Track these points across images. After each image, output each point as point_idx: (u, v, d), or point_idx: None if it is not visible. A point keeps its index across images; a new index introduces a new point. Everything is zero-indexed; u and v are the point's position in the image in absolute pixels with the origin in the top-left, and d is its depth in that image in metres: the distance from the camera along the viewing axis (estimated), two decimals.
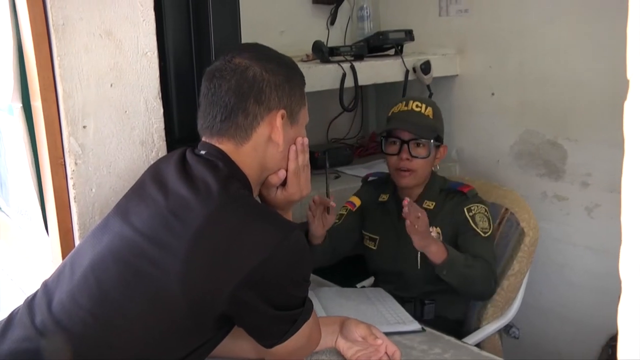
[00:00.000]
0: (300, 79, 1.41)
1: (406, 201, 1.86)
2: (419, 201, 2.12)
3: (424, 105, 2.12)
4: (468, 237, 2.08)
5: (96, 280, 1.21)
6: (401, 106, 2.14)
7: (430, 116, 2.11)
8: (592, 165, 2.52)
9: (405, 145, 2.08)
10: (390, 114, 2.19)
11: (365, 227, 2.28)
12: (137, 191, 1.34)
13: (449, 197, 2.16)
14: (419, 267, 2.08)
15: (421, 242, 1.91)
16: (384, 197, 2.25)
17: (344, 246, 2.26)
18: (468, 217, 2.08)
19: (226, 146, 1.32)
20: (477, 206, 2.11)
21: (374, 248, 2.24)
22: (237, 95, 1.30)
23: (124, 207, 1.31)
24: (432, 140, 2.08)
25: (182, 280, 1.15)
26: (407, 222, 1.87)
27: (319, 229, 2.07)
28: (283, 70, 1.35)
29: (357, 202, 2.32)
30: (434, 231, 2.03)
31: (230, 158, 1.31)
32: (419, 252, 2.04)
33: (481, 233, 2.06)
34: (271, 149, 1.34)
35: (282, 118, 1.33)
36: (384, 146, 2.16)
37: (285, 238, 1.20)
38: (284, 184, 1.41)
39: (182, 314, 1.18)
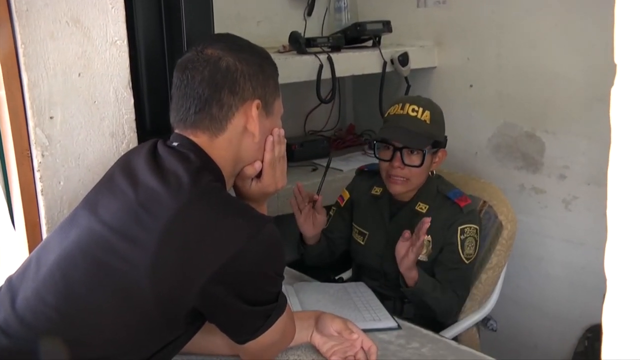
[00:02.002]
0: (273, 69, 1.38)
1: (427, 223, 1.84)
2: (412, 202, 2.08)
3: (421, 109, 1.99)
4: (450, 259, 2.02)
5: (62, 276, 1.17)
6: (397, 108, 2.03)
7: (427, 121, 1.99)
8: (570, 158, 2.52)
9: (398, 153, 1.98)
10: (386, 115, 2.10)
11: (355, 220, 2.23)
12: (106, 184, 1.30)
13: (445, 205, 2.06)
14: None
15: (410, 264, 1.89)
16: (377, 190, 2.18)
17: (340, 245, 2.25)
18: (458, 239, 2.01)
19: (200, 139, 1.29)
20: (470, 227, 2.02)
21: (362, 243, 2.18)
22: (211, 86, 1.28)
23: (93, 200, 1.27)
24: (426, 149, 1.97)
25: (151, 275, 1.12)
26: (403, 245, 1.87)
27: (309, 230, 2.08)
28: (257, 60, 1.33)
29: (345, 195, 2.27)
30: (426, 239, 1.94)
31: (203, 150, 1.28)
32: None
33: (464, 259, 2.01)
34: (247, 140, 1.32)
35: (258, 108, 1.31)
36: (376, 151, 2.08)
37: (257, 232, 1.17)
38: (259, 175, 1.39)
39: (152, 309, 1.15)
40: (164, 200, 1.17)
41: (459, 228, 2.01)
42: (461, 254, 2.00)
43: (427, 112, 1.99)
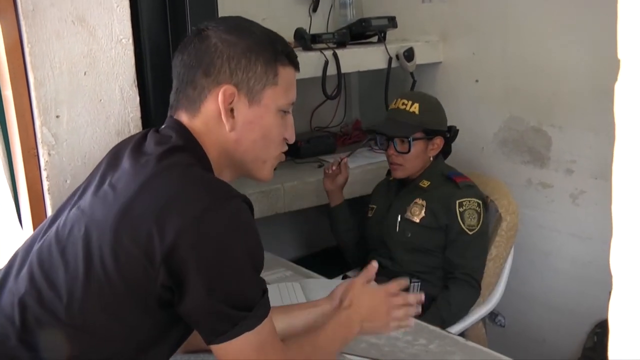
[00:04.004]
0: (270, 54, 1.25)
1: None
2: (417, 180, 2.30)
3: (410, 102, 2.25)
4: (454, 235, 2.19)
5: (39, 265, 1.14)
6: (392, 104, 2.32)
7: (416, 112, 2.23)
8: (577, 152, 2.51)
9: (391, 142, 2.26)
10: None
11: (370, 202, 2.49)
12: (93, 172, 1.28)
13: (444, 182, 2.26)
14: (397, 230, 2.25)
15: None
16: (391, 177, 2.40)
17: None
18: (457, 211, 2.18)
19: (182, 118, 1.25)
20: (470, 201, 2.20)
21: (370, 215, 2.43)
22: (187, 67, 1.24)
23: (80, 190, 1.25)
24: (411, 136, 2.21)
25: (113, 253, 1.08)
26: None
27: (327, 183, 2.43)
28: (245, 43, 1.23)
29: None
30: (419, 202, 2.24)
31: (188, 130, 1.23)
32: (399, 216, 2.26)
33: (467, 230, 2.17)
34: (223, 129, 1.23)
35: (231, 95, 1.21)
36: (377, 142, 2.37)
37: (218, 203, 1.10)
38: None
39: (121, 292, 1.09)
40: (129, 179, 1.15)
41: (457, 202, 2.20)
42: (462, 225, 2.17)
43: (416, 104, 2.24)
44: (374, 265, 1.47)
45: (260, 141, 1.27)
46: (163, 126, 1.28)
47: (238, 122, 1.23)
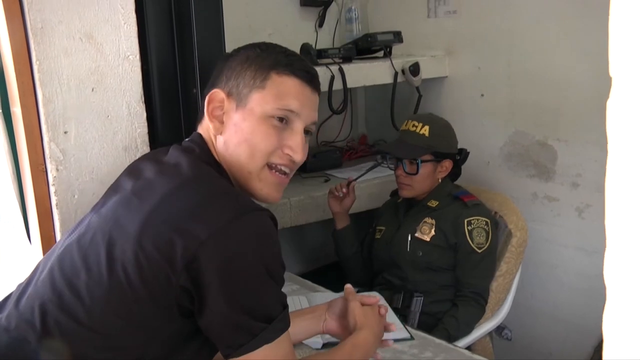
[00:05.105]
0: (268, 62, 1.28)
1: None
2: (424, 200, 2.32)
3: (420, 124, 2.27)
4: (464, 254, 2.21)
5: (60, 270, 1.16)
6: (403, 125, 2.34)
7: (426, 134, 2.25)
8: (583, 166, 2.51)
9: (400, 163, 2.29)
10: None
11: (378, 224, 2.48)
12: (112, 186, 1.31)
13: (452, 202, 2.28)
14: (408, 250, 2.25)
15: None
16: (399, 199, 2.43)
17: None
18: (466, 230, 2.20)
19: (199, 129, 1.34)
20: (478, 219, 2.21)
21: (379, 237, 2.43)
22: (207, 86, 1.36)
23: (100, 203, 1.27)
24: (420, 158, 2.23)
25: (136, 259, 1.09)
26: None
27: (334, 205, 2.44)
28: (245, 55, 1.30)
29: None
30: (428, 221, 2.25)
31: (207, 143, 1.30)
32: (409, 235, 2.27)
33: (476, 249, 2.18)
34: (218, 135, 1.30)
35: (222, 100, 1.28)
36: (387, 162, 2.45)
37: (241, 215, 1.11)
38: None
39: (143, 300, 1.10)
40: (156, 186, 1.17)
41: (466, 220, 2.21)
42: (471, 244, 2.18)
43: (426, 127, 2.26)
44: (349, 286, 1.55)
45: (243, 145, 1.27)
46: (187, 139, 1.34)
47: (227, 126, 1.28)
